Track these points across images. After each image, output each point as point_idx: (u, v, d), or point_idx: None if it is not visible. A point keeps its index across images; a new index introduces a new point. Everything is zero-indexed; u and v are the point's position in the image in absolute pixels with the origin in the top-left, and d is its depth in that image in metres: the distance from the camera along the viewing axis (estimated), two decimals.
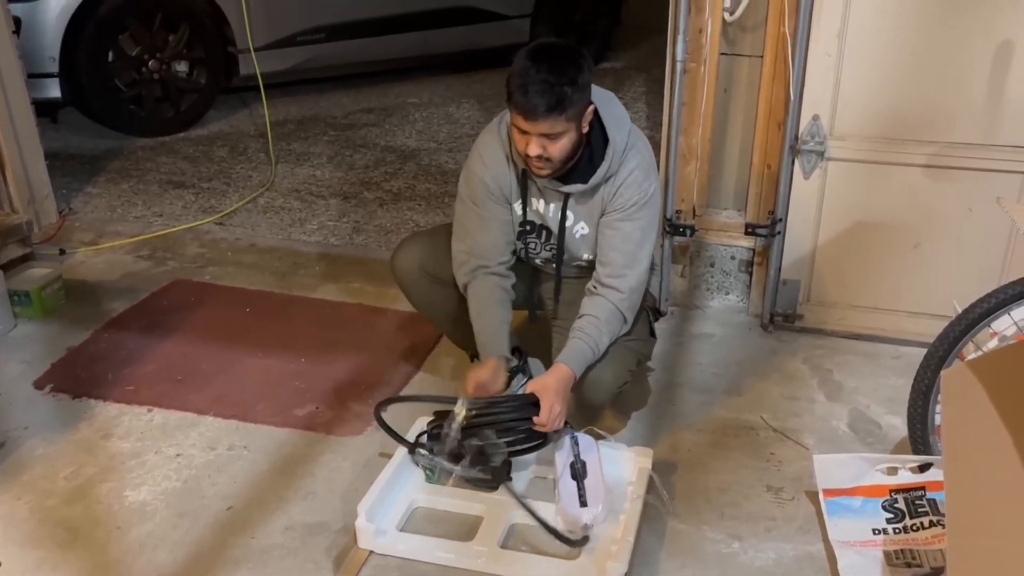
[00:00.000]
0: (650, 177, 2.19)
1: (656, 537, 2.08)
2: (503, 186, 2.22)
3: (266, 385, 2.64)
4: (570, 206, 2.21)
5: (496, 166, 2.20)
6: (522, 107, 1.97)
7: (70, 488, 2.22)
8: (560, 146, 2.03)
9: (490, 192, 2.22)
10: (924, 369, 2.09)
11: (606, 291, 2.18)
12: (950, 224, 2.70)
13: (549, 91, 1.94)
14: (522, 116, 1.99)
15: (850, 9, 2.54)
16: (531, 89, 1.95)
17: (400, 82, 5.88)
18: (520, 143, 2.05)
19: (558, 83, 1.95)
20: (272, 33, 5.01)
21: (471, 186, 2.24)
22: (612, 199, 2.17)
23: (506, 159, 2.20)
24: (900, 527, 2.03)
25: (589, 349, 2.14)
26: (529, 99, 1.95)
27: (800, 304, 2.93)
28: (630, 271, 2.18)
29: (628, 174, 2.14)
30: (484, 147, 2.22)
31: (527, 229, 2.28)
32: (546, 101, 1.95)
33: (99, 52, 4.51)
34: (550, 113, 1.96)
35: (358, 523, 2.00)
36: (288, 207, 3.97)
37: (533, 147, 2.01)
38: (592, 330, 2.14)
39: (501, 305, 2.26)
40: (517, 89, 1.97)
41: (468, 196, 2.25)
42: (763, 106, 2.76)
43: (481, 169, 2.21)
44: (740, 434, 2.45)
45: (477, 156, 2.23)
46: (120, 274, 3.32)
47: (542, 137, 2.00)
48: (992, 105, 2.54)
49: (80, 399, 2.56)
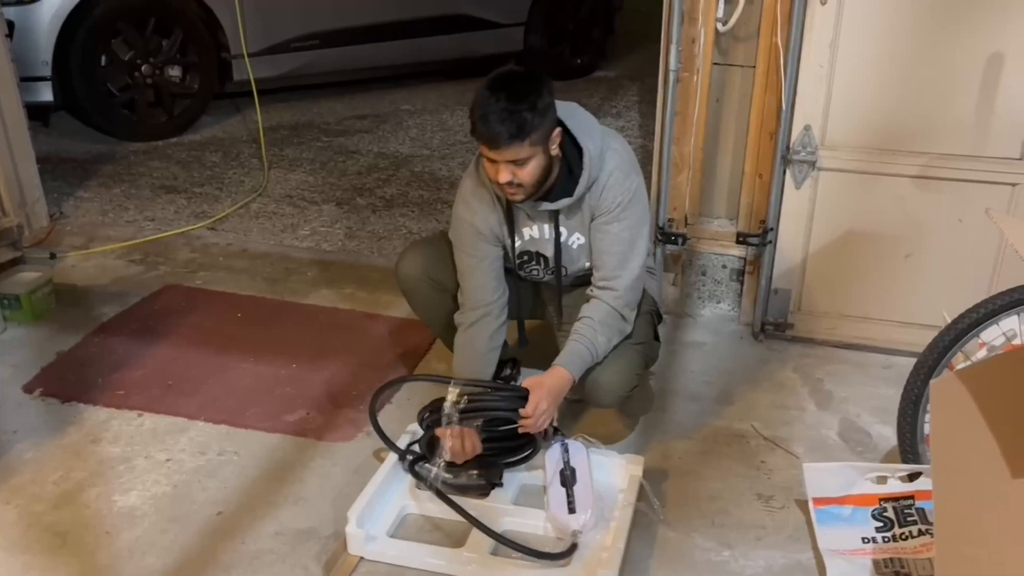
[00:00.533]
0: (630, 175, 2.19)
1: (646, 545, 2.08)
2: (492, 226, 2.24)
3: (257, 390, 2.64)
4: (561, 222, 2.22)
5: (482, 207, 2.23)
6: (485, 137, 2.00)
7: (59, 493, 2.21)
8: (529, 171, 2.05)
9: (480, 235, 2.24)
10: (914, 378, 2.10)
11: (602, 293, 2.20)
12: (940, 235, 2.71)
13: (509, 118, 1.97)
14: (487, 146, 2.01)
15: (842, 21, 2.56)
16: (491, 118, 1.97)
17: (393, 89, 5.89)
18: (491, 171, 2.07)
19: (517, 110, 1.97)
20: (266, 39, 5.02)
21: (460, 232, 2.27)
22: (598, 203, 2.18)
23: (491, 197, 2.22)
24: (889, 536, 2.04)
25: (586, 351, 2.15)
26: (490, 128, 1.98)
27: (791, 313, 2.94)
28: (623, 271, 2.19)
29: (608, 176, 2.16)
30: (468, 191, 2.24)
31: (525, 259, 2.30)
32: (507, 129, 1.97)
33: (92, 56, 4.51)
34: (512, 140, 1.98)
35: (348, 529, 1.99)
36: (280, 212, 3.97)
37: (503, 174, 2.04)
38: (588, 332, 2.16)
39: (488, 358, 2.28)
40: (479, 120, 2.00)
41: (458, 242, 2.28)
42: (755, 116, 2.77)
43: (468, 214, 2.24)
44: (731, 442, 2.45)
45: (463, 201, 2.25)
46: (111, 279, 3.32)
47: (509, 164, 2.02)
48: (982, 117, 2.56)
49: (69, 403, 2.56)
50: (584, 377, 2.19)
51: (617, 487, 2.16)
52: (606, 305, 2.19)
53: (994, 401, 1.42)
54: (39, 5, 4.29)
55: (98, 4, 4.43)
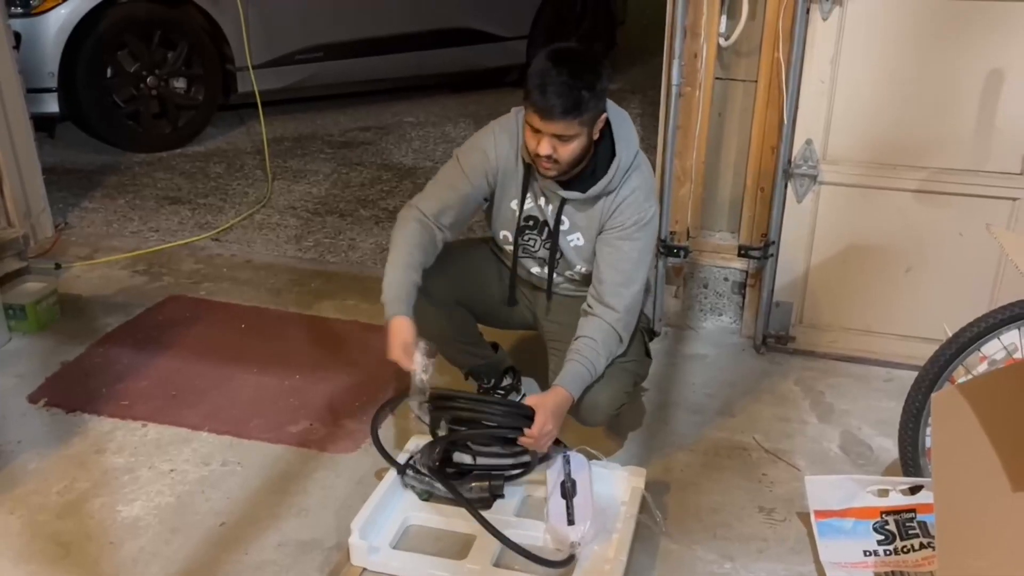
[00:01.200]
0: (650, 199, 2.20)
1: (648, 557, 2.08)
2: (502, 170, 2.22)
3: (260, 401, 2.64)
4: (566, 211, 2.22)
5: (505, 149, 2.21)
6: (539, 106, 1.99)
7: (63, 503, 2.22)
8: (570, 149, 2.05)
9: (487, 165, 2.22)
10: (915, 392, 2.11)
11: (602, 310, 2.18)
12: (941, 248, 2.73)
13: (567, 93, 1.97)
14: (538, 115, 2.00)
15: (843, 37, 2.58)
16: (549, 90, 1.97)
17: (397, 101, 5.92)
18: (532, 141, 2.06)
19: (576, 86, 1.97)
20: (270, 51, 5.05)
21: (471, 153, 2.24)
22: (611, 216, 2.18)
23: (515, 153, 2.21)
24: (891, 549, 2.04)
25: (587, 371, 2.13)
26: (547, 99, 1.97)
27: (793, 326, 2.95)
28: (626, 290, 2.18)
29: (630, 192, 2.16)
30: (501, 131, 2.23)
31: (529, 224, 2.28)
32: (563, 103, 1.97)
33: (98, 68, 4.53)
34: (566, 115, 1.98)
35: (351, 540, 2.00)
36: (284, 224, 3.98)
37: (544, 146, 2.03)
38: (589, 352, 2.14)
39: (419, 252, 2.22)
40: (535, 88, 1.99)
41: (463, 159, 2.25)
42: (757, 130, 2.79)
43: (489, 144, 2.22)
44: (732, 455, 2.46)
45: (491, 134, 2.24)
46: (115, 289, 3.33)
47: (554, 138, 2.02)
48: (982, 132, 2.57)
49: (74, 413, 2.57)
50: None
51: (619, 499, 2.17)
52: (606, 325, 2.16)
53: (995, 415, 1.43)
54: (46, 17, 4.32)
55: (104, 16, 4.46)
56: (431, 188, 2.29)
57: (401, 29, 5.55)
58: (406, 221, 2.25)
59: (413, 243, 2.22)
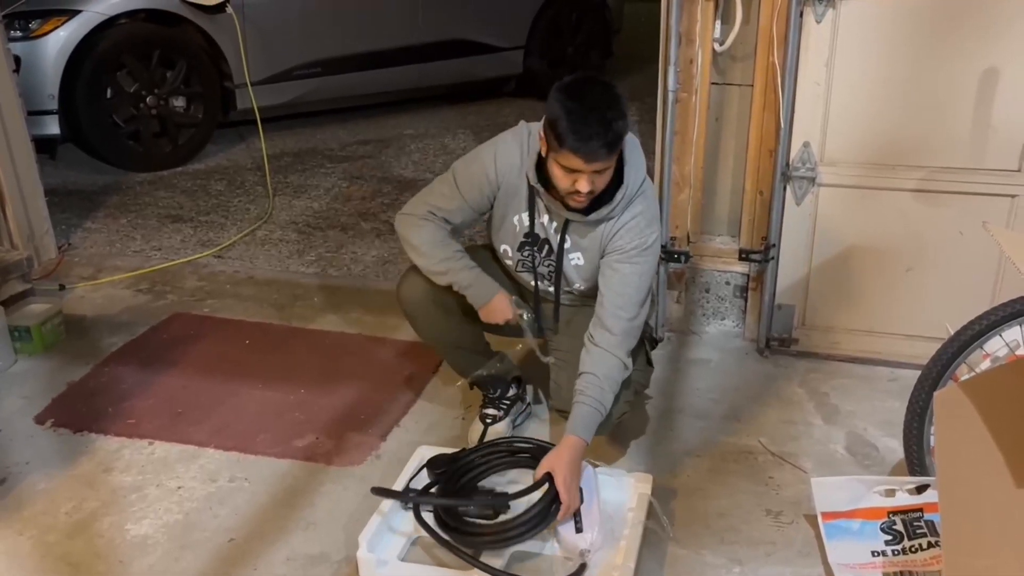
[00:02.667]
0: (652, 225, 2.20)
1: (656, 563, 2.08)
2: (504, 186, 2.20)
3: (266, 416, 2.65)
4: (569, 231, 2.23)
5: (508, 167, 2.19)
6: (583, 151, 1.93)
7: (72, 523, 2.22)
8: (604, 178, 2.04)
9: (487, 182, 2.20)
10: (918, 391, 2.11)
11: (602, 336, 2.15)
12: (941, 247, 2.73)
13: (607, 130, 1.93)
14: (583, 159, 1.95)
15: (837, 39, 2.59)
16: (590, 131, 1.92)
17: (396, 114, 5.94)
18: (566, 181, 2.02)
19: (611, 119, 1.93)
20: (269, 68, 5.07)
21: (470, 168, 2.22)
22: (612, 239, 2.18)
23: (520, 168, 2.19)
24: (899, 549, 2.04)
25: (595, 411, 2.11)
26: (589, 142, 1.92)
27: (795, 328, 2.95)
28: (625, 313, 2.16)
29: (632, 218, 2.16)
30: (503, 146, 2.20)
31: (530, 240, 2.28)
32: (607, 141, 1.94)
33: (97, 89, 4.56)
34: (611, 151, 1.96)
35: (360, 553, 2.00)
36: (286, 239, 4.00)
37: (584, 183, 1.99)
38: (594, 391, 2.11)
39: (447, 237, 2.27)
40: (570, 133, 1.92)
41: (461, 173, 2.23)
42: (754, 134, 2.80)
43: (490, 161, 2.19)
44: (738, 459, 2.46)
45: (492, 149, 2.21)
46: (119, 308, 3.34)
47: (594, 174, 2.00)
48: (979, 130, 2.58)
49: (81, 433, 2.57)
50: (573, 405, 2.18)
51: (626, 505, 2.17)
52: (607, 354, 2.14)
53: (998, 412, 1.43)
54: (45, 40, 4.35)
55: (103, 38, 4.49)
56: (420, 196, 2.29)
57: (398, 42, 5.58)
58: (411, 223, 2.26)
59: (438, 235, 2.24)
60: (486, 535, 2.03)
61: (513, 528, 2.01)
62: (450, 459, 2.22)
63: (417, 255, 2.27)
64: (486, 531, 2.04)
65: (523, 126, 2.22)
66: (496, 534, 2.02)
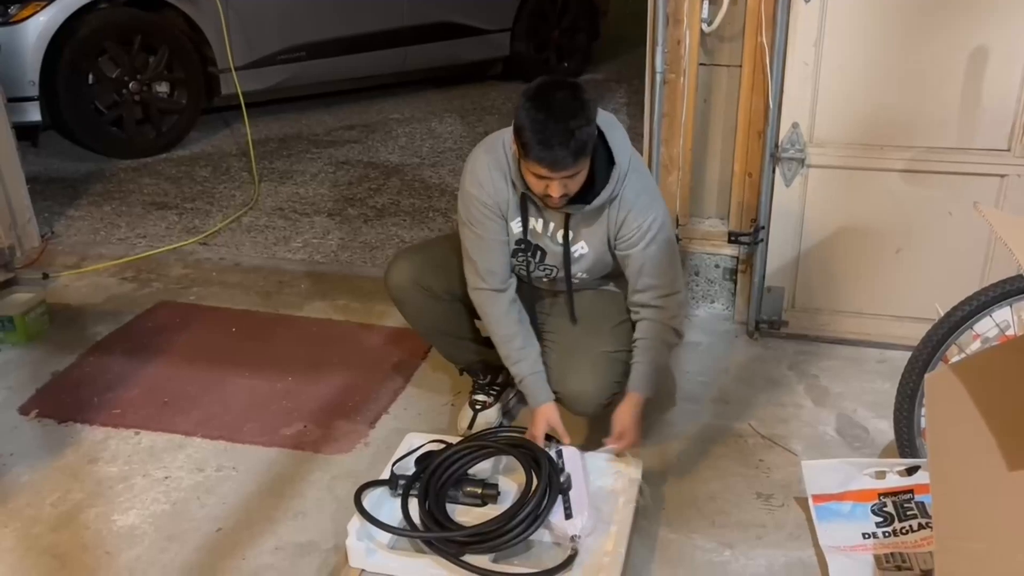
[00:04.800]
0: (655, 199, 2.19)
1: (647, 548, 2.08)
2: (500, 203, 2.19)
3: (253, 405, 2.63)
4: (572, 225, 2.20)
5: (492, 184, 2.17)
6: (547, 161, 1.92)
7: (57, 514, 2.20)
8: (578, 181, 2.03)
9: (487, 209, 2.19)
10: (909, 372, 2.11)
11: (650, 312, 2.23)
12: (931, 228, 2.72)
13: (571, 139, 1.91)
14: (546, 168, 1.95)
15: (826, 19, 2.57)
16: (553, 142, 1.90)
17: (381, 98, 5.90)
18: (539, 186, 2.01)
19: (576, 127, 1.91)
20: (252, 53, 5.02)
21: (468, 208, 2.21)
22: (622, 226, 2.15)
23: (504, 179, 2.17)
24: (890, 530, 2.04)
25: (651, 369, 2.23)
26: (554, 152, 1.91)
27: (785, 311, 2.94)
28: (669, 289, 2.21)
29: (635, 198, 2.13)
30: (479, 167, 2.18)
31: (522, 248, 2.27)
32: (572, 151, 1.92)
33: (79, 75, 4.50)
34: (577, 158, 1.95)
35: (349, 542, 1.99)
36: (272, 226, 3.97)
37: (556, 189, 1.99)
38: (647, 353, 2.23)
39: (526, 329, 2.28)
40: (536, 144, 1.91)
41: (466, 218, 2.22)
42: (743, 115, 2.78)
43: (477, 189, 2.18)
44: (728, 442, 2.46)
45: (472, 177, 2.20)
46: (104, 297, 3.31)
47: (565, 179, 1.99)
48: (968, 110, 2.57)
49: (66, 424, 2.55)
50: (562, 386, 2.21)
51: (616, 491, 2.16)
52: (661, 325, 2.23)
53: (989, 393, 1.42)
54: (24, 25, 4.29)
55: (83, 23, 4.43)
56: (469, 264, 2.27)
57: (383, 26, 5.54)
58: (487, 311, 2.28)
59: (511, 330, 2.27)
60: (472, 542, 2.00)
61: (499, 530, 2.00)
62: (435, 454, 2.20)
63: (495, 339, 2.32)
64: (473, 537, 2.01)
65: (496, 136, 2.20)
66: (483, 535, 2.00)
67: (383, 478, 2.15)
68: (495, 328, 2.28)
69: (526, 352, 2.26)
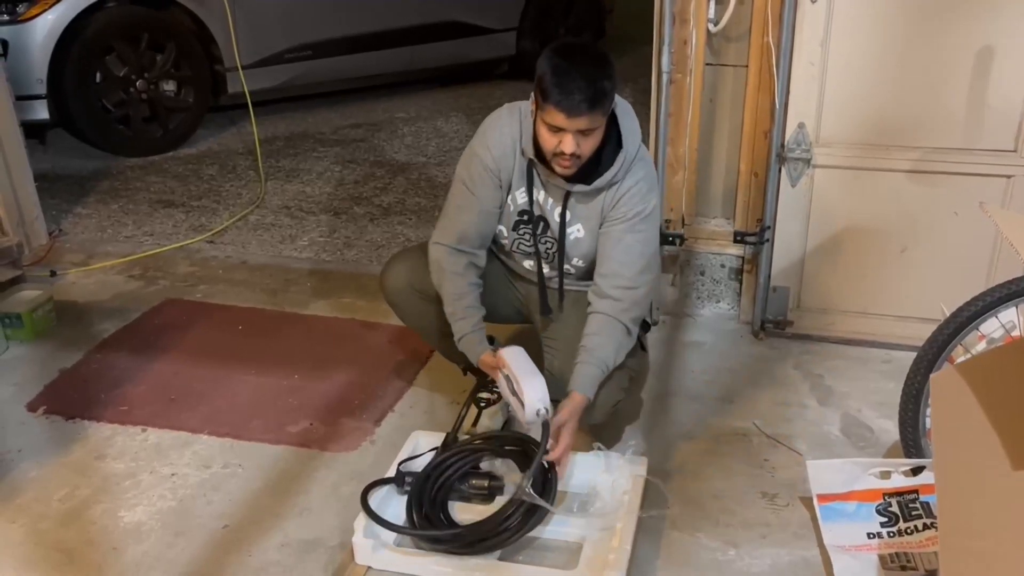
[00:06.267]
0: (653, 191, 2.19)
1: (652, 546, 2.08)
2: (504, 169, 2.19)
3: (259, 402, 2.64)
4: (570, 205, 2.20)
5: (501, 149, 2.18)
6: (564, 104, 1.95)
7: (64, 510, 2.21)
8: (591, 143, 2.03)
9: (488, 172, 2.19)
10: (914, 373, 2.10)
11: (605, 304, 2.16)
12: (936, 228, 2.72)
13: (591, 86, 1.94)
14: (564, 113, 1.96)
15: (832, 19, 2.57)
16: (573, 86, 1.93)
17: (388, 97, 5.90)
18: (551, 141, 2.02)
19: (598, 77, 1.95)
20: (259, 51, 5.03)
21: (468, 164, 2.21)
22: (614, 207, 2.16)
23: (513, 147, 2.18)
24: (894, 530, 2.04)
25: (598, 370, 2.13)
26: (572, 96, 1.93)
27: (790, 310, 2.94)
28: (631, 282, 2.16)
29: (633, 183, 2.14)
30: (491, 130, 2.20)
31: (525, 219, 2.26)
32: (589, 96, 1.94)
33: (86, 73, 4.51)
34: (593, 108, 1.96)
35: (355, 539, 2.00)
36: (278, 224, 3.98)
37: (568, 143, 1.99)
38: (598, 351, 2.13)
39: (474, 291, 2.25)
40: (554, 87, 1.94)
41: (463, 174, 2.23)
42: (749, 115, 2.78)
43: (484, 151, 2.19)
44: (733, 441, 2.46)
45: (482, 138, 2.21)
46: (111, 294, 3.32)
47: (578, 134, 1.99)
48: (974, 110, 2.57)
49: (73, 420, 2.56)
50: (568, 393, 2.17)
51: (622, 489, 2.16)
52: (609, 318, 2.15)
53: (995, 394, 1.42)
54: (32, 24, 4.30)
55: (91, 21, 4.44)
56: (443, 220, 2.27)
57: (390, 25, 5.54)
58: (440, 267, 2.25)
59: (460, 289, 2.23)
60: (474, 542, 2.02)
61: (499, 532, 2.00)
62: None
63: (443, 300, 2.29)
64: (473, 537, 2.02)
65: (507, 108, 2.21)
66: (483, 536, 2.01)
67: (389, 476, 2.16)
68: (447, 284, 2.24)
69: (471, 311, 2.23)
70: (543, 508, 2.01)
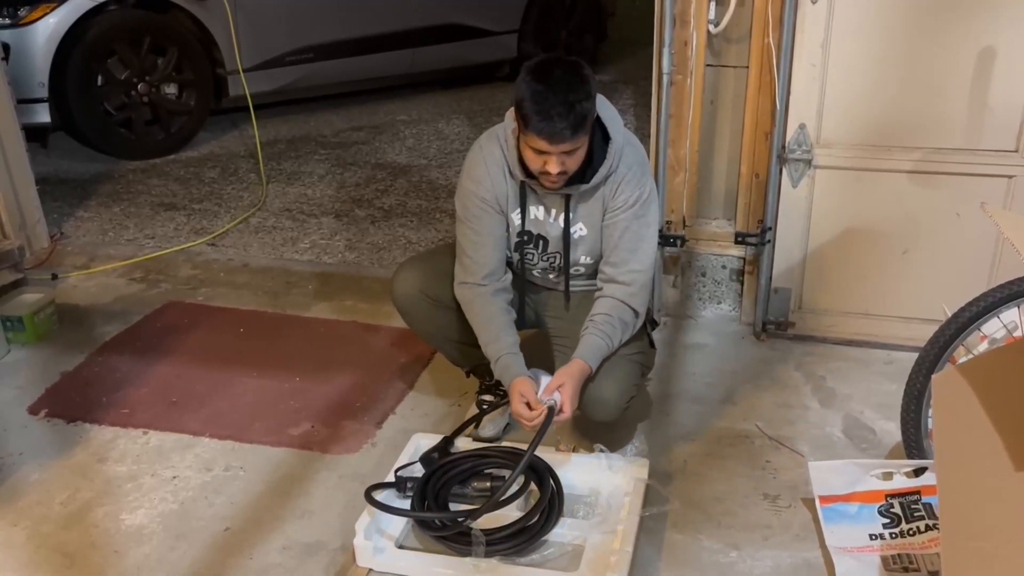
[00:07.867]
0: (646, 173, 2.21)
1: (654, 547, 2.08)
2: (499, 196, 2.21)
3: (261, 405, 2.64)
4: (572, 207, 2.21)
5: (491, 178, 2.20)
6: (546, 132, 1.95)
7: (66, 513, 2.21)
8: (577, 159, 2.05)
9: (485, 204, 2.21)
10: (916, 374, 2.10)
11: (613, 287, 2.20)
12: (938, 229, 2.72)
13: (571, 112, 1.93)
14: (545, 140, 1.97)
15: (833, 20, 2.57)
16: (553, 113, 1.93)
17: (389, 100, 5.91)
18: (536, 163, 2.03)
19: (577, 101, 1.94)
20: (261, 54, 5.04)
21: (464, 203, 2.24)
22: (615, 196, 2.17)
23: (503, 172, 2.19)
24: (897, 532, 2.04)
25: (604, 344, 2.16)
26: (553, 124, 1.93)
27: (792, 312, 2.94)
28: (637, 265, 2.20)
29: (627, 170, 2.16)
30: (476, 165, 2.22)
31: (524, 240, 2.27)
32: (571, 123, 1.94)
33: (88, 76, 4.53)
34: (576, 133, 1.96)
35: (356, 541, 1.99)
36: (280, 226, 3.98)
37: (553, 165, 2.01)
38: (605, 326, 2.16)
39: (506, 316, 2.25)
40: (535, 114, 1.94)
41: (463, 215, 2.25)
42: (750, 116, 2.78)
43: (474, 185, 2.21)
44: (735, 443, 2.46)
45: (467, 174, 2.23)
46: (113, 297, 3.32)
47: (563, 155, 2.00)
48: (975, 110, 2.56)
49: (75, 423, 2.56)
50: (582, 393, 2.17)
51: (623, 491, 2.16)
52: (617, 301, 2.19)
53: (996, 394, 1.42)
54: (34, 27, 4.31)
55: (92, 25, 4.45)
56: (461, 262, 2.28)
57: (391, 27, 5.55)
58: (469, 303, 2.26)
59: (490, 314, 2.23)
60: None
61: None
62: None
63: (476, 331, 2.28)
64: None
65: (491, 131, 2.22)
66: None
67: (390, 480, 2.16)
68: (478, 314, 2.24)
69: (505, 334, 2.22)
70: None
